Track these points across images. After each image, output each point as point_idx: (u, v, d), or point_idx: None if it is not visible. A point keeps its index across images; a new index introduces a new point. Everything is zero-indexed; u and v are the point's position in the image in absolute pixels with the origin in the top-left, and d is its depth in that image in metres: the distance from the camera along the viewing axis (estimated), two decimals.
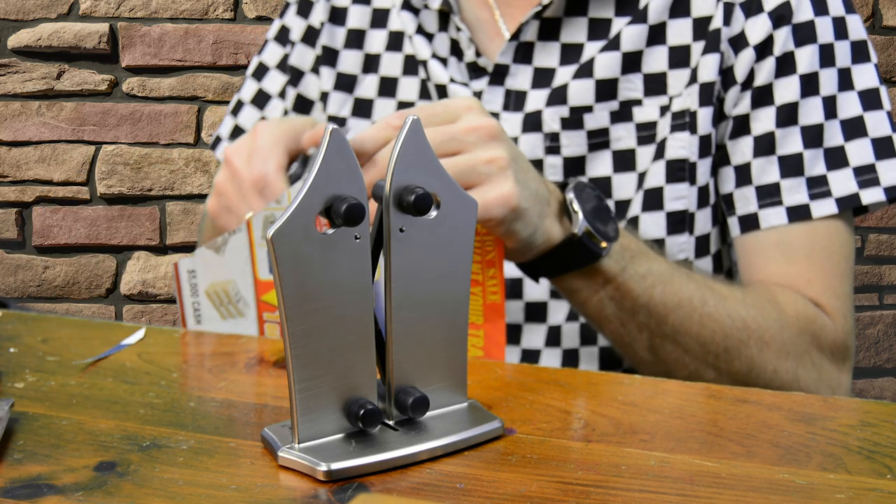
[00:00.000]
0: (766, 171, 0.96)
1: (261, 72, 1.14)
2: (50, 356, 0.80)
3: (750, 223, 0.97)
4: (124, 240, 2.07)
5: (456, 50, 1.02)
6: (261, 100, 1.13)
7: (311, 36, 1.11)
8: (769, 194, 0.96)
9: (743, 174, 0.97)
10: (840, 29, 0.98)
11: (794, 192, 0.96)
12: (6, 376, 0.75)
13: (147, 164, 2.05)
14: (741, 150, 0.97)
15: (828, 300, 0.96)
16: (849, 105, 0.97)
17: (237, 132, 1.14)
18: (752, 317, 0.90)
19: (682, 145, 0.96)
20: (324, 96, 1.10)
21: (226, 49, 2.01)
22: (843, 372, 0.97)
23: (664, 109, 0.97)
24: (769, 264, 0.97)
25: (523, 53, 1.00)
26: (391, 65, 1.06)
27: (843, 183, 0.95)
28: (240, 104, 1.15)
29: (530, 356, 1.00)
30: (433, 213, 0.62)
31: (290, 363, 0.59)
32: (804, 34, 0.96)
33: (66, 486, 0.57)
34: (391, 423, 0.64)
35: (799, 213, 0.96)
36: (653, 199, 0.96)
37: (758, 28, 0.96)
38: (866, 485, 0.58)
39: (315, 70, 1.11)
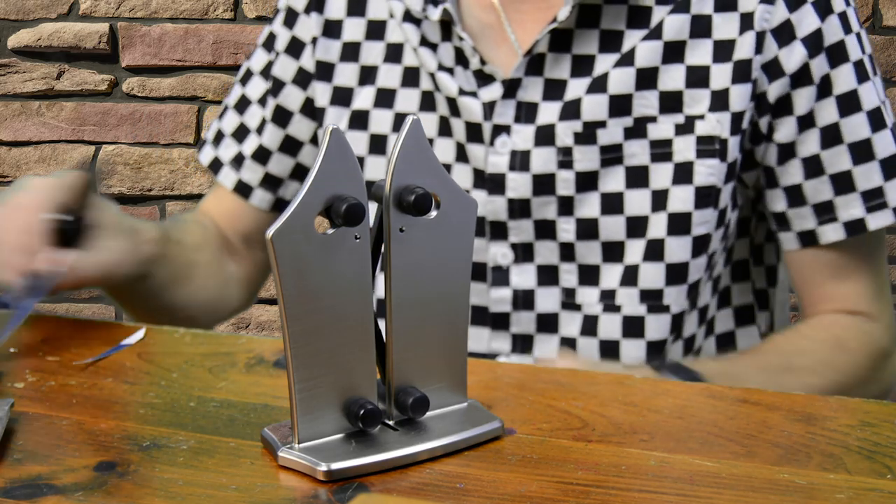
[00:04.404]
0: (819, 190, 0.99)
1: (247, 77, 1.13)
2: (50, 356, 0.80)
3: (810, 239, 1.00)
4: None
5: (461, 58, 1.01)
6: (242, 105, 1.13)
7: (295, 48, 1.10)
8: (825, 211, 0.99)
9: (795, 195, 1.00)
10: (863, 43, 1.00)
11: (849, 207, 0.98)
12: (6, 376, 0.75)
13: (147, 164, 2.05)
14: (790, 172, 0.99)
15: (873, 307, 1.01)
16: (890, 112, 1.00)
17: (219, 137, 1.14)
18: (830, 380, 0.95)
19: (711, 172, 0.97)
20: (320, 111, 1.09)
21: (226, 49, 2.01)
22: (895, 358, 1.03)
23: (679, 128, 0.97)
24: (822, 285, 1.01)
25: (534, 65, 0.99)
26: (389, 76, 1.05)
27: None
28: (225, 109, 1.14)
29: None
30: (433, 213, 0.62)
31: (290, 363, 0.59)
32: (838, 55, 0.97)
33: (66, 486, 0.57)
34: (391, 423, 0.64)
35: (855, 228, 0.99)
36: (680, 224, 0.97)
37: (793, 57, 0.96)
38: (866, 485, 0.58)
39: (297, 83, 1.10)
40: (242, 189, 1.11)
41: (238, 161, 1.11)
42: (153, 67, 2.01)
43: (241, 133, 1.12)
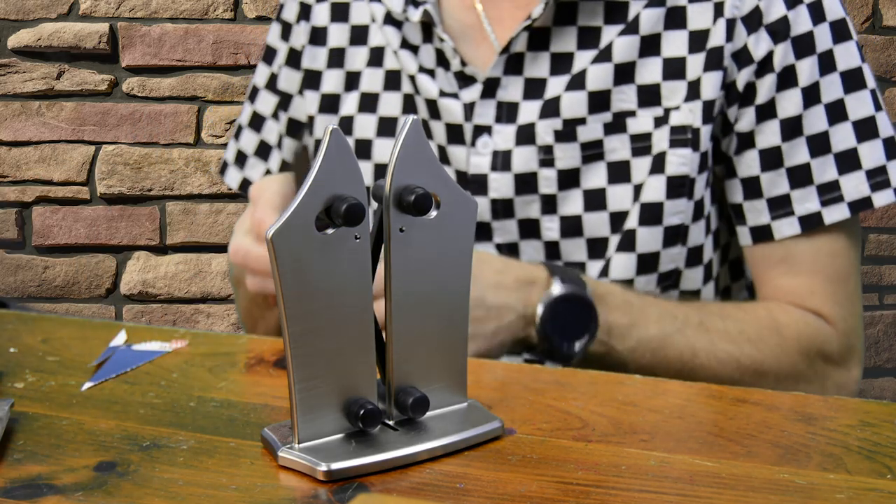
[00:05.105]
0: (776, 183, 0.97)
1: (254, 94, 1.14)
2: (50, 356, 0.80)
3: (763, 234, 0.99)
4: (124, 240, 2.07)
5: (442, 60, 1.01)
6: (256, 123, 1.14)
7: (294, 59, 1.10)
8: (780, 205, 0.98)
9: (752, 187, 0.98)
10: (841, 31, 0.98)
11: (805, 200, 0.97)
12: (6, 376, 0.75)
13: (147, 164, 2.05)
14: (747, 163, 0.98)
15: (829, 309, 0.99)
16: (860, 106, 0.97)
17: (240, 157, 1.14)
18: (747, 354, 0.93)
19: (683, 162, 0.96)
20: (310, 120, 1.09)
21: (226, 49, 2.01)
22: (851, 369, 1.00)
23: (658, 121, 0.97)
24: (775, 279, 0.99)
25: (513, 65, 0.99)
26: (372, 80, 1.05)
27: (855, 187, 0.96)
28: (240, 128, 1.15)
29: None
30: (433, 213, 0.62)
31: (290, 363, 0.59)
32: (803, 46, 0.96)
33: (66, 486, 0.57)
34: (391, 423, 0.64)
35: (811, 222, 0.97)
36: (652, 214, 0.96)
37: (760, 44, 0.96)
38: (866, 485, 0.58)
39: (301, 93, 1.10)
40: None
41: None
42: (153, 67, 2.01)
43: (263, 151, 1.13)
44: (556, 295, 0.87)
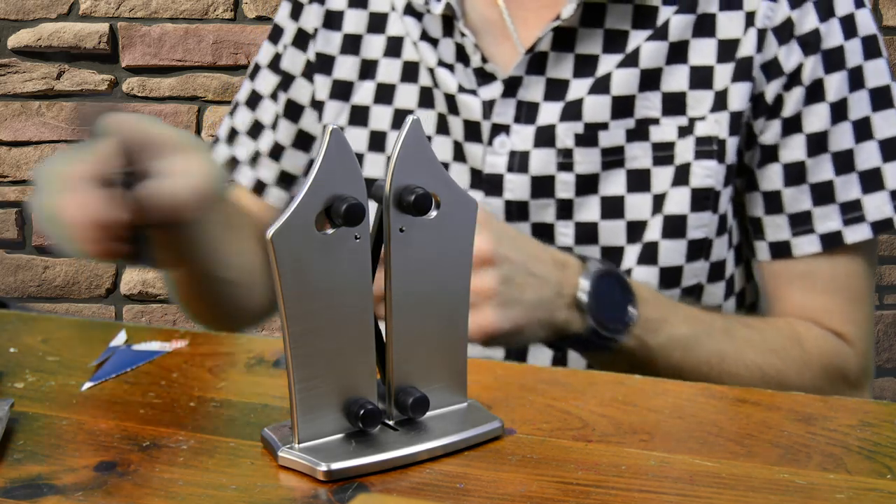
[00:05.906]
0: (798, 199, 0.95)
1: (255, 72, 1.12)
2: (50, 356, 0.80)
3: (782, 250, 0.97)
4: None
5: (462, 55, 0.99)
6: (253, 101, 1.11)
7: (301, 40, 1.08)
8: (801, 222, 0.96)
9: (773, 201, 0.96)
10: (872, 48, 0.96)
11: (827, 219, 0.95)
12: (6, 376, 0.75)
13: None
14: (770, 177, 0.96)
15: (848, 329, 0.97)
16: (887, 125, 0.95)
17: (233, 134, 1.13)
18: (771, 363, 0.92)
19: (708, 174, 0.94)
20: (319, 105, 1.07)
21: (226, 49, 2.01)
22: (864, 392, 1.00)
23: (683, 130, 0.95)
24: (793, 296, 0.98)
25: (536, 64, 0.97)
26: (389, 71, 1.03)
27: (878, 207, 0.95)
28: (236, 105, 1.13)
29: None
30: (433, 213, 0.62)
31: (290, 363, 0.59)
32: (834, 60, 0.94)
33: (66, 486, 0.57)
34: (391, 423, 0.64)
35: (832, 241, 0.95)
36: (675, 227, 0.95)
37: (790, 56, 0.94)
38: (866, 485, 0.58)
39: (306, 75, 1.08)
40: (259, 188, 1.10)
41: (254, 159, 1.10)
42: (153, 67, 2.01)
43: (255, 130, 1.10)
44: (600, 269, 0.84)
